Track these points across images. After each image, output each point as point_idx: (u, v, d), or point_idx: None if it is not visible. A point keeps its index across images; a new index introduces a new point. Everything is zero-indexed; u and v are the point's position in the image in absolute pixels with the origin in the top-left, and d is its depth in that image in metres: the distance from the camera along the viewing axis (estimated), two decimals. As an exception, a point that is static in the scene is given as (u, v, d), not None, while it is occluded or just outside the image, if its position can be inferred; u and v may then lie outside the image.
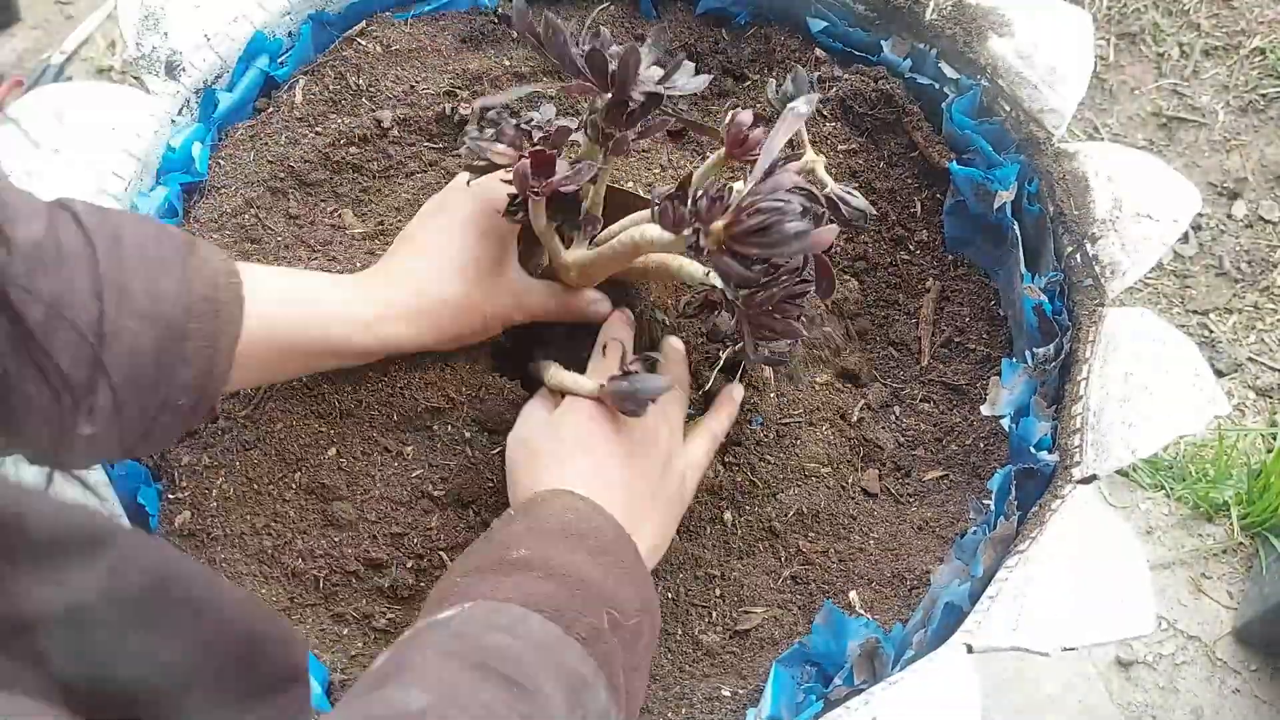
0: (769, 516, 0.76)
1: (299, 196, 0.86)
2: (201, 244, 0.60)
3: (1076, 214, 0.77)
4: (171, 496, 0.74)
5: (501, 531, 0.57)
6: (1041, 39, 0.82)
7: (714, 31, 0.94)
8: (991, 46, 0.83)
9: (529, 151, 0.60)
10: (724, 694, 0.70)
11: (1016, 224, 0.80)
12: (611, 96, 0.60)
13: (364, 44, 0.91)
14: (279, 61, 0.91)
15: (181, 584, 0.33)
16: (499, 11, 0.94)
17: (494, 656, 0.46)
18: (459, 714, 0.42)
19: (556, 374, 0.69)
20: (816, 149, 0.88)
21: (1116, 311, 0.73)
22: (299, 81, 0.90)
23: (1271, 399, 1.37)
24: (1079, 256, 0.77)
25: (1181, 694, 1.19)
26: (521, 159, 0.60)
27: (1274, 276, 1.44)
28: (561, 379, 0.68)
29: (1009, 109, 0.83)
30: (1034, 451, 0.72)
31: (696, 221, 0.53)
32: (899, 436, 0.81)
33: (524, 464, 0.65)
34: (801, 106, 0.58)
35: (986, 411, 0.77)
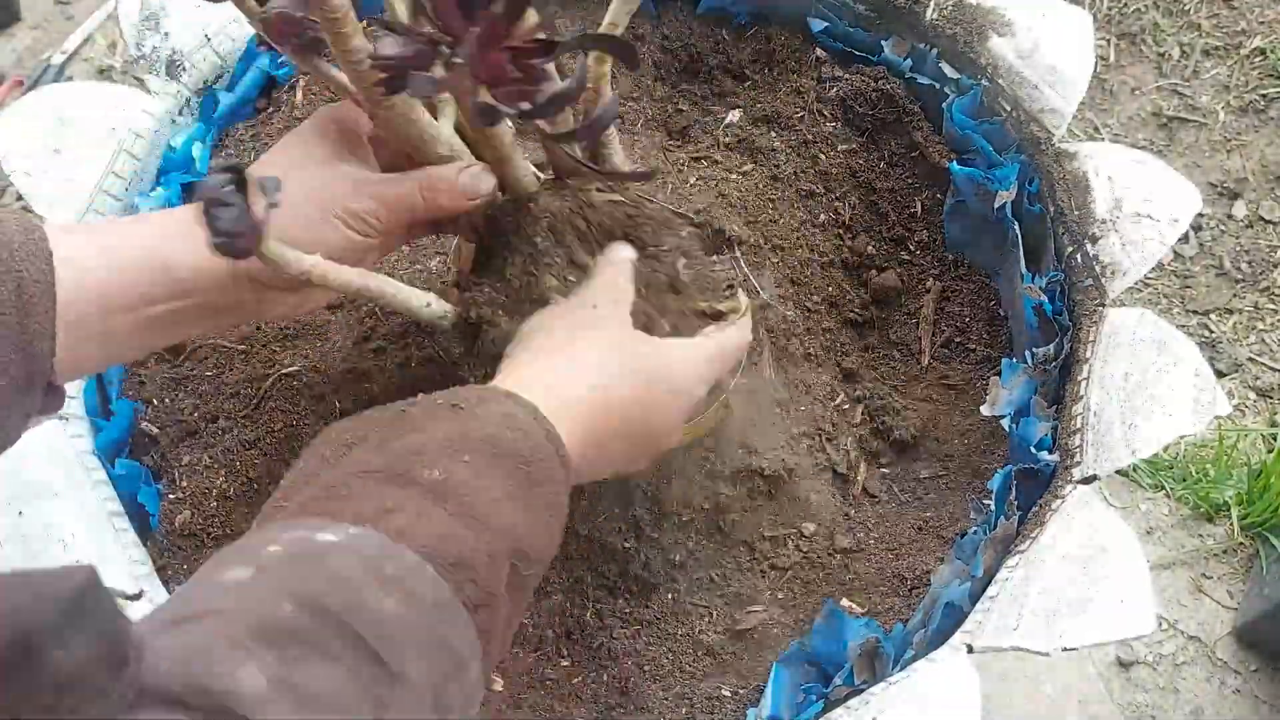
0: (769, 516, 0.76)
1: (299, 196, 0.86)
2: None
3: (1077, 214, 0.77)
4: (171, 496, 0.74)
5: (425, 424, 0.48)
6: (1042, 39, 0.82)
7: (714, 31, 0.94)
8: (992, 46, 0.83)
9: None
10: (724, 694, 0.70)
11: (1017, 224, 0.80)
12: None
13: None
14: (279, 62, 0.91)
15: None
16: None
17: (367, 623, 0.38)
18: (294, 703, 0.35)
19: None
20: (817, 149, 0.88)
21: (1117, 311, 0.73)
22: (299, 81, 0.90)
23: (1272, 399, 1.36)
24: (1079, 256, 0.77)
25: (1182, 694, 1.19)
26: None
27: (1274, 276, 1.44)
28: None
29: (1009, 109, 0.83)
30: (1034, 451, 0.72)
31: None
32: (899, 436, 0.81)
33: (513, 348, 0.58)
34: None
35: (986, 412, 0.77)
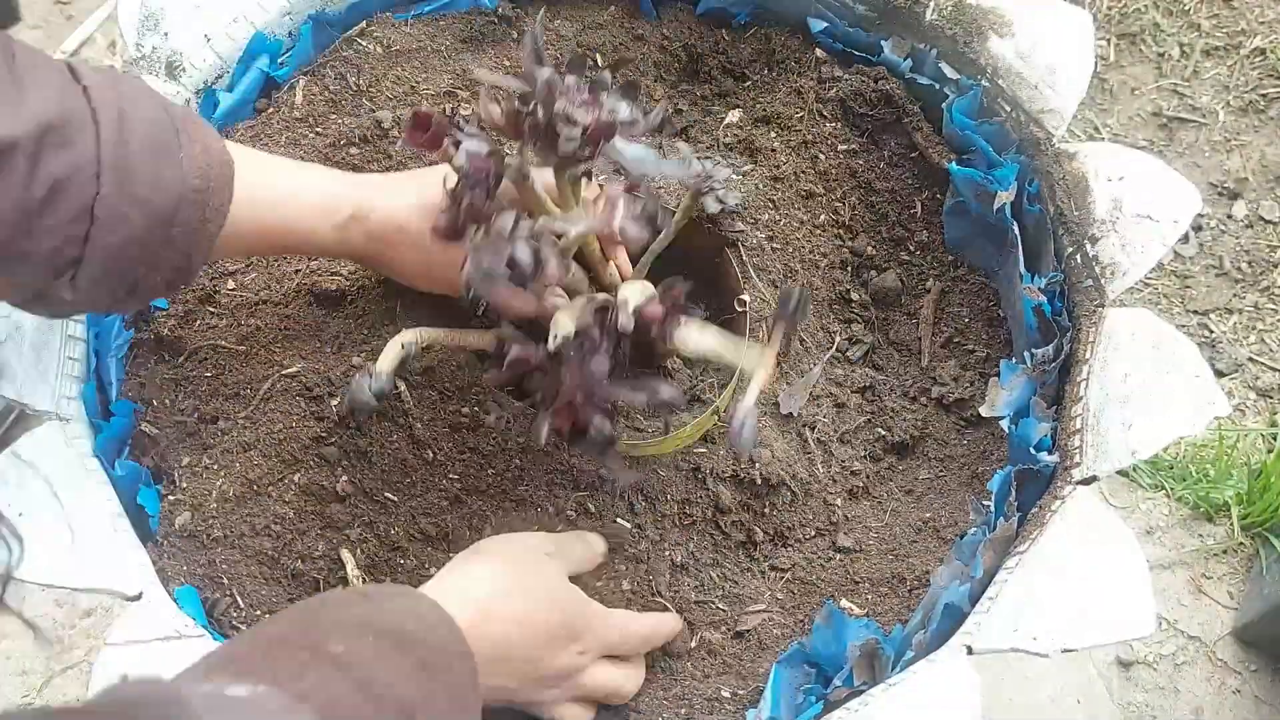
0: (769, 517, 0.76)
1: (299, 197, 0.85)
2: (196, 127, 0.61)
3: (1077, 214, 0.77)
4: (171, 497, 0.74)
5: (339, 609, 0.54)
6: (1042, 39, 0.82)
7: (714, 32, 0.94)
8: (992, 46, 0.83)
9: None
10: (724, 694, 0.70)
11: (1016, 224, 0.80)
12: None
13: (364, 44, 0.91)
14: (279, 62, 0.91)
15: None
16: (499, 12, 0.94)
17: None
18: None
19: None
20: (817, 149, 0.88)
21: (1116, 312, 0.73)
22: (299, 82, 0.89)
23: (1272, 399, 1.36)
24: (1079, 257, 0.77)
25: (1182, 694, 1.19)
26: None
27: (1274, 277, 1.44)
28: None
29: (1009, 109, 0.83)
30: (1034, 452, 0.72)
31: None
32: (899, 437, 0.81)
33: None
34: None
35: (985, 412, 0.77)
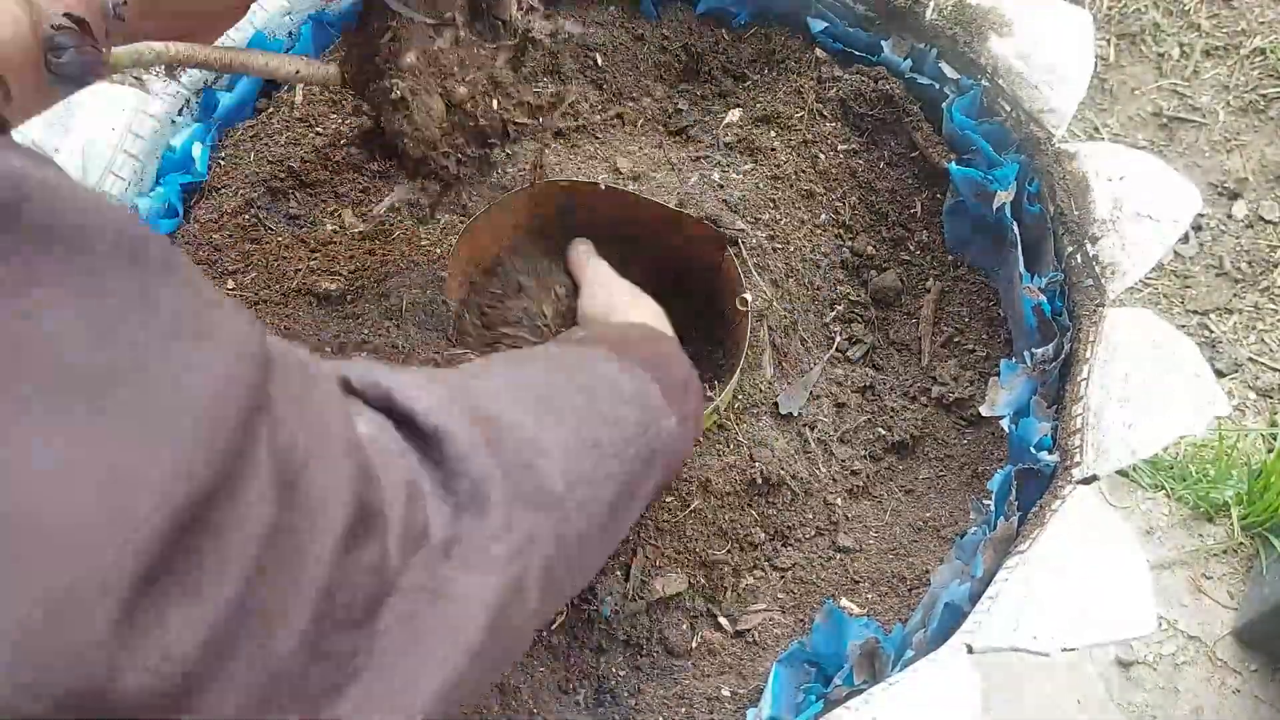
0: (768, 517, 0.76)
1: (299, 196, 0.86)
2: None
3: (1077, 214, 0.77)
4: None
5: (601, 327, 0.71)
6: (1042, 39, 0.82)
7: (714, 31, 0.94)
8: (992, 46, 0.83)
9: None
10: (724, 693, 0.70)
11: (1016, 224, 0.80)
12: None
13: (364, 44, 0.91)
14: (279, 61, 0.91)
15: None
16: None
17: (589, 374, 0.56)
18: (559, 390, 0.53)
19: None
20: (817, 149, 0.88)
21: (1116, 312, 0.73)
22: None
23: (1272, 399, 1.36)
24: (1079, 257, 0.77)
25: (1182, 694, 1.19)
26: None
27: (1274, 276, 1.44)
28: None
29: (1009, 109, 0.83)
30: (1034, 452, 0.72)
31: None
32: (899, 437, 0.81)
33: (601, 311, 0.78)
34: None
35: (985, 412, 0.77)
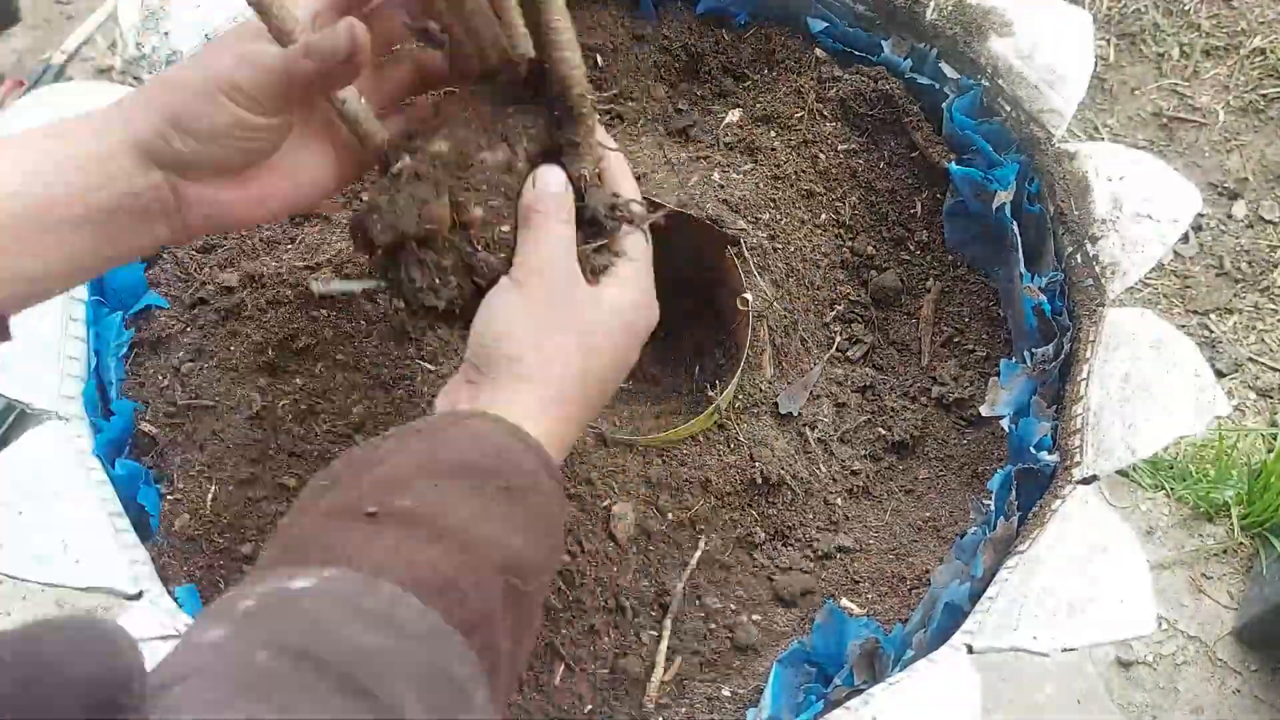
0: (768, 517, 0.76)
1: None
2: None
3: (1077, 214, 0.77)
4: (171, 497, 0.74)
5: (394, 455, 0.46)
6: (1042, 39, 0.82)
7: (714, 31, 0.94)
8: (992, 46, 0.83)
9: None
10: (724, 694, 0.70)
11: (1016, 224, 0.80)
12: None
13: (364, 44, 0.91)
14: (279, 61, 0.91)
15: None
16: (499, 11, 0.94)
17: (351, 659, 0.37)
18: None
19: None
20: (817, 149, 0.88)
21: (1117, 311, 0.73)
22: (299, 81, 0.89)
23: (1272, 399, 1.37)
24: (1079, 256, 0.77)
25: (1181, 694, 1.19)
26: None
27: (1274, 276, 1.44)
28: None
29: (1009, 109, 0.83)
30: (1034, 451, 0.72)
31: None
32: (899, 437, 0.81)
33: (471, 365, 0.53)
34: None
35: (985, 412, 0.77)
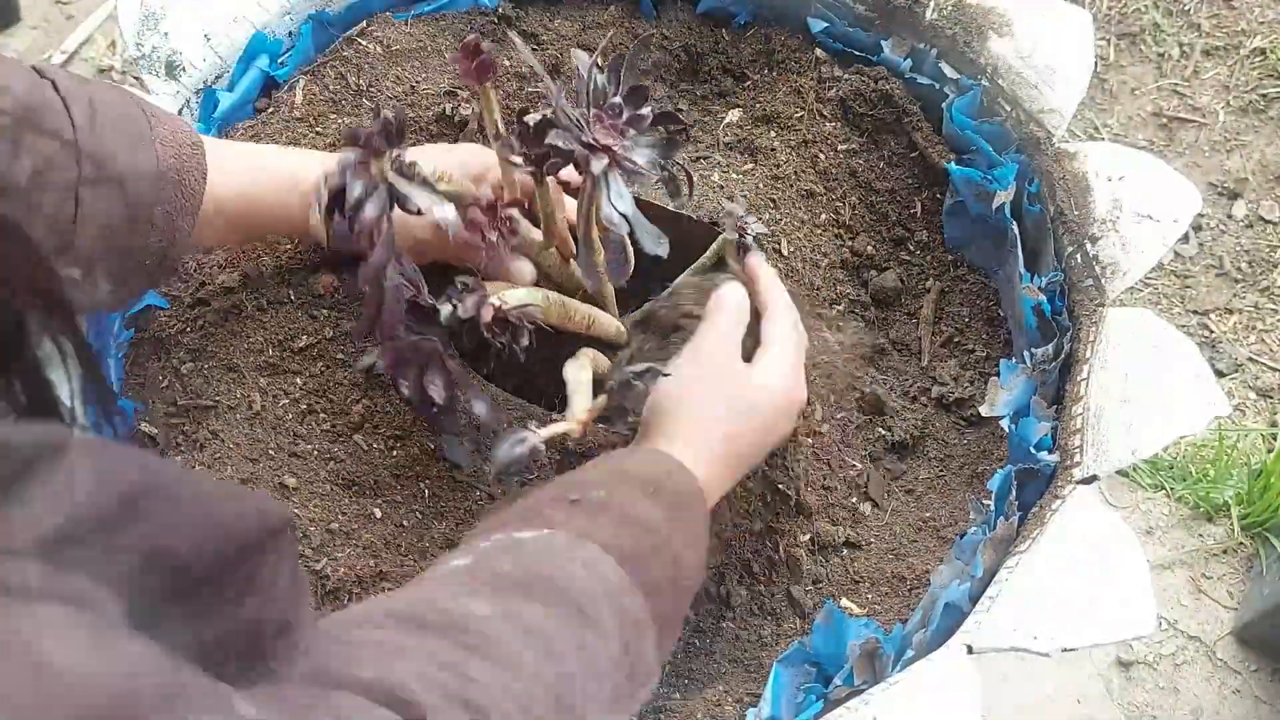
0: (768, 517, 0.76)
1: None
2: (162, 114, 0.65)
3: (1077, 214, 0.77)
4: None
5: (591, 470, 0.59)
6: (1042, 39, 0.82)
7: (714, 31, 0.94)
8: (992, 46, 0.83)
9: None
10: (724, 694, 0.70)
11: (1016, 224, 0.80)
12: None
13: (364, 44, 0.91)
14: (279, 61, 0.91)
15: (155, 487, 0.31)
16: (499, 11, 0.94)
17: (567, 584, 0.48)
18: (518, 632, 0.44)
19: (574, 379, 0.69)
20: (817, 149, 0.88)
21: (1117, 311, 0.73)
22: (299, 81, 0.89)
23: (1272, 399, 1.36)
24: (1079, 256, 0.77)
25: (1182, 694, 1.19)
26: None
27: (1274, 276, 1.44)
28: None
29: (1009, 109, 0.83)
30: (1034, 451, 0.72)
31: None
32: (899, 437, 0.81)
33: (646, 420, 0.66)
34: None
35: (985, 412, 0.77)
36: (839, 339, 0.83)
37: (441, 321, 0.63)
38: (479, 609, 0.45)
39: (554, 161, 0.62)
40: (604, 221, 0.63)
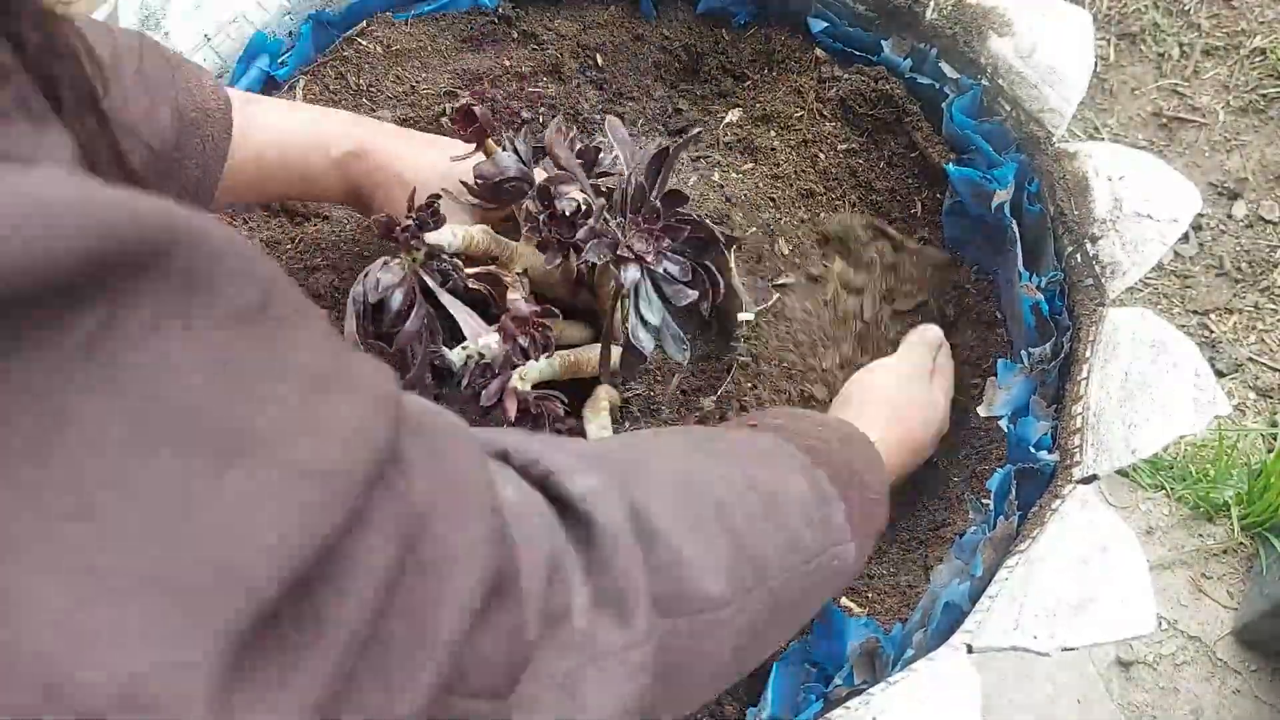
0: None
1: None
2: (190, 65, 0.67)
3: (1077, 214, 0.77)
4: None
5: (772, 410, 0.67)
6: (1042, 39, 0.82)
7: (714, 31, 0.94)
8: (992, 46, 0.83)
9: None
10: (724, 694, 0.70)
11: (1015, 224, 0.80)
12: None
13: (364, 44, 0.91)
14: (279, 61, 0.91)
15: None
16: (499, 11, 0.94)
17: (746, 448, 0.52)
18: (695, 462, 0.48)
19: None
20: (816, 148, 0.88)
21: (1116, 311, 0.73)
22: (299, 81, 0.90)
23: (1272, 399, 1.36)
24: (1079, 256, 0.77)
25: (1182, 694, 1.19)
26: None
27: (1274, 276, 1.44)
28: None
29: (1009, 109, 0.83)
30: (1034, 451, 0.72)
31: None
32: (899, 436, 0.81)
33: (836, 405, 0.75)
34: None
35: (983, 412, 0.77)
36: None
37: (454, 372, 0.66)
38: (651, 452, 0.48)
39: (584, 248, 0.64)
40: (631, 338, 0.65)
